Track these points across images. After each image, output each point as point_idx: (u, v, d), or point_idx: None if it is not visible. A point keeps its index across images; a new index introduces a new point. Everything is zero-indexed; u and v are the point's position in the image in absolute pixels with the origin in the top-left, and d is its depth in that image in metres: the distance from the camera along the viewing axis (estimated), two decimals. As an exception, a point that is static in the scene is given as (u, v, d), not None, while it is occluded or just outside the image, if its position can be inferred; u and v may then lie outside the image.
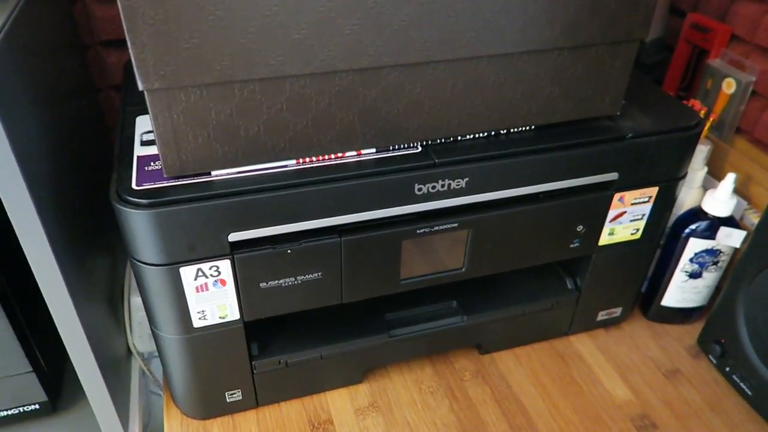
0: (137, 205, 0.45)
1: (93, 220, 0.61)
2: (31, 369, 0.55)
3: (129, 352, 0.69)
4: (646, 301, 0.74)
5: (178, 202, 0.45)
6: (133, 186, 0.46)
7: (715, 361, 0.68)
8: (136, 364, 0.70)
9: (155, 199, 0.45)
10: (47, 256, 0.45)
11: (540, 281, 0.69)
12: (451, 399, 0.65)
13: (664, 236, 0.69)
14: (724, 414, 0.64)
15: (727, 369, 0.66)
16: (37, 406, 0.58)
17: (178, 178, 0.47)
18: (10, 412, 0.57)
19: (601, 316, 0.71)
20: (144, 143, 0.52)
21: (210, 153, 0.46)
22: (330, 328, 0.62)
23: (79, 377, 0.54)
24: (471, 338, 0.68)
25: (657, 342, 0.72)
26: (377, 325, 0.63)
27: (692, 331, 0.73)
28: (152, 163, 0.49)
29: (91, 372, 0.54)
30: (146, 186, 0.46)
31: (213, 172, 0.48)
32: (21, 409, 0.57)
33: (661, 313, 0.73)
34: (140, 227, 0.46)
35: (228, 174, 0.48)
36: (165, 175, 0.47)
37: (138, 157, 0.50)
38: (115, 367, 0.62)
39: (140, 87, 0.41)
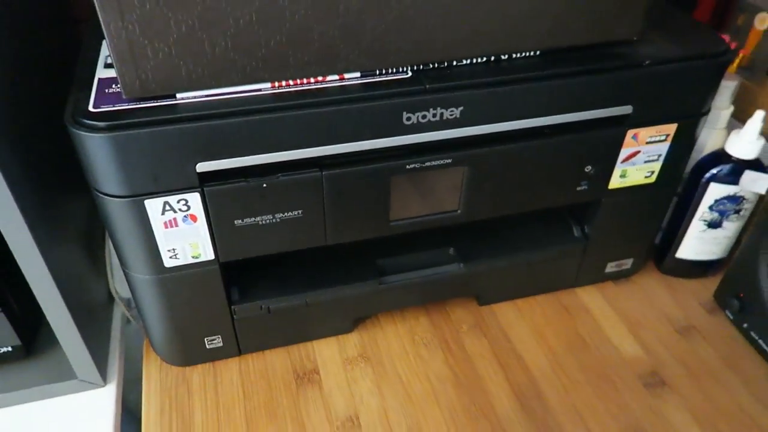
0: (92, 128, 0.41)
1: (67, 157, 0.57)
2: (-3, 309, 0.52)
3: (111, 297, 0.66)
4: (661, 252, 0.69)
5: (137, 126, 0.41)
6: (90, 108, 0.42)
7: (732, 317, 0.63)
8: (119, 309, 0.67)
9: (111, 121, 0.41)
10: (2, 191, 0.41)
11: (545, 228, 0.64)
12: (446, 351, 0.61)
13: (682, 182, 0.64)
14: (740, 372, 0.59)
15: (745, 325, 0.61)
16: (9, 349, 0.55)
17: (139, 100, 0.43)
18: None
19: (611, 267, 0.66)
20: (108, 65, 0.47)
21: (173, 72, 0.41)
22: (317, 272, 0.58)
23: (50, 322, 0.51)
24: (469, 288, 0.64)
25: (671, 297, 0.67)
26: (367, 271, 0.59)
27: (709, 285, 0.67)
28: (114, 86, 0.44)
29: (62, 317, 0.51)
30: (104, 108, 0.42)
31: (178, 95, 0.43)
32: (-10, 351, 0.55)
33: (676, 265, 0.68)
34: (97, 153, 0.42)
35: (195, 97, 0.43)
36: (125, 97, 0.42)
37: (99, 79, 0.45)
38: (92, 312, 0.58)
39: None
